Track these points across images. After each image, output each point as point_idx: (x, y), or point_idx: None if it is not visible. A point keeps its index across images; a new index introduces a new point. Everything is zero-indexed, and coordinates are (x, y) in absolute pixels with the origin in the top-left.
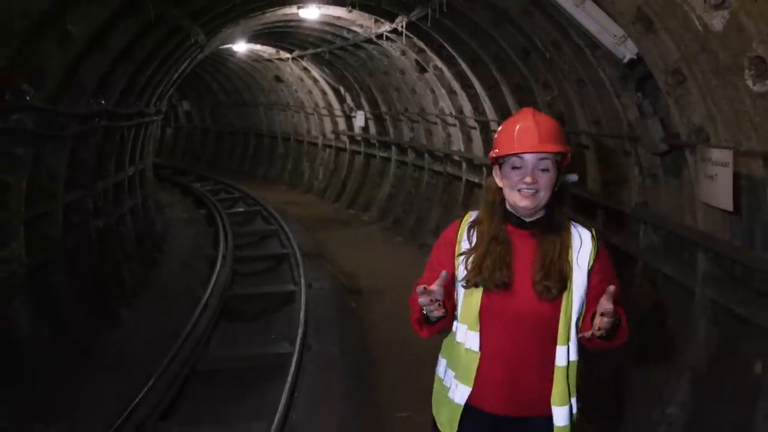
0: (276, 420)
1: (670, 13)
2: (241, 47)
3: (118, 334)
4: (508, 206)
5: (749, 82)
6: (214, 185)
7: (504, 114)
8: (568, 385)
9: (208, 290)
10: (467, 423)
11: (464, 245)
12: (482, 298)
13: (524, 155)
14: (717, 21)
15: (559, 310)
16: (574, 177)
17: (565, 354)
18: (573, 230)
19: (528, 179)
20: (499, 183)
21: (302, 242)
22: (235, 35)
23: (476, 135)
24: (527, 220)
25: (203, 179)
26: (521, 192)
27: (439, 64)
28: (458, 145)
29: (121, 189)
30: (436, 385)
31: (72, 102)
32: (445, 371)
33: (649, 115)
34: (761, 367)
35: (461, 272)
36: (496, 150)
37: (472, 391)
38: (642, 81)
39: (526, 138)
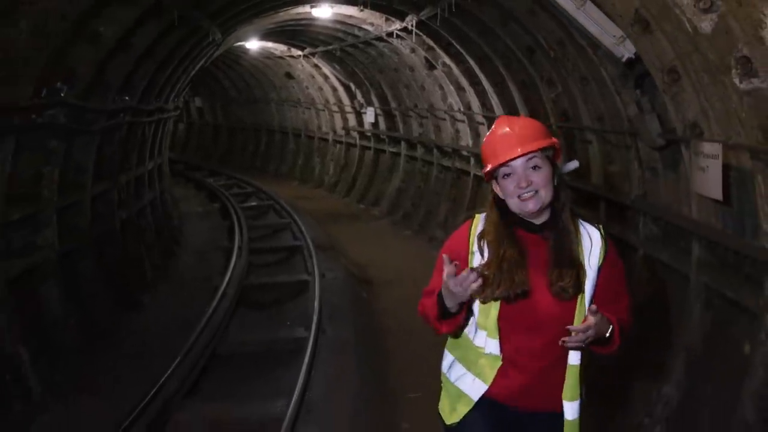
0: (294, 398)
1: (664, 16)
2: (253, 45)
3: (141, 320)
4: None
5: (736, 81)
6: (226, 180)
7: (511, 110)
8: (579, 380)
9: (226, 279)
10: (475, 412)
11: (476, 258)
12: (500, 306)
13: (510, 162)
14: (706, 24)
15: (575, 311)
16: (574, 164)
17: (578, 353)
18: (582, 230)
19: (522, 183)
20: (501, 195)
21: (314, 235)
22: (248, 33)
23: (484, 130)
24: (536, 222)
25: (216, 174)
26: (521, 197)
27: (448, 61)
28: (466, 140)
29: (142, 182)
30: (443, 382)
31: (100, 99)
32: (452, 366)
33: (647, 112)
34: (749, 348)
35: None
36: (486, 166)
37: (488, 388)
38: (640, 79)
39: (505, 145)
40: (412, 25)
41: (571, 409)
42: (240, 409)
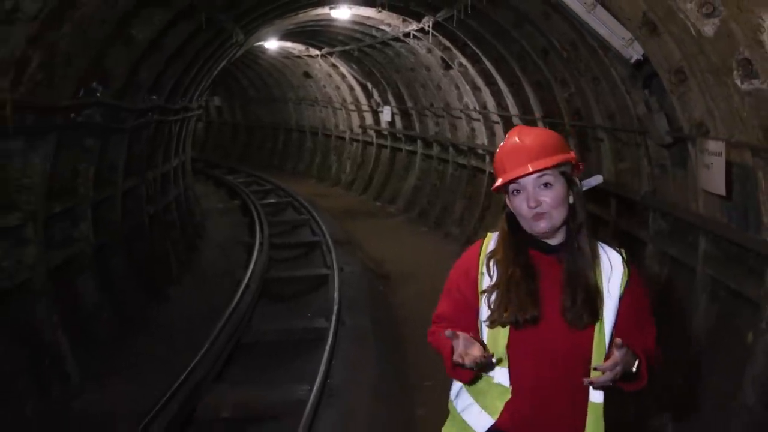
0: (317, 383)
1: (670, 19)
2: (272, 45)
3: (169, 312)
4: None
5: (738, 82)
6: (245, 178)
7: (526, 109)
8: (602, 418)
9: (248, 273)
10: None
11: (485, 281)
12: (509, 333)
13: (520, 179)
14: (708, 28)
15: (592, 342)
16: (597, 179)
17: (600, 390)
18: (601, 253)
19: (531, 203)
20: (513, 211)
21: (332, 231)
22: (268, 34)
23: (499, 129)
24: (552, 243)
25: (235, 172)
26: (531, 216)
27: (464, 61)
28: (482, 139)
29: (167, 179)
30: (450, 410)
31: (132, 98)
32: (459, 395)
33: (656, 111)
34: (752, 337)
35: (484, 310)
36: (497, 180)
37: (495, 422)
38: (649, 79)
39: (514, 161)
40: (428, 26)
41: None
42: (266, 392)
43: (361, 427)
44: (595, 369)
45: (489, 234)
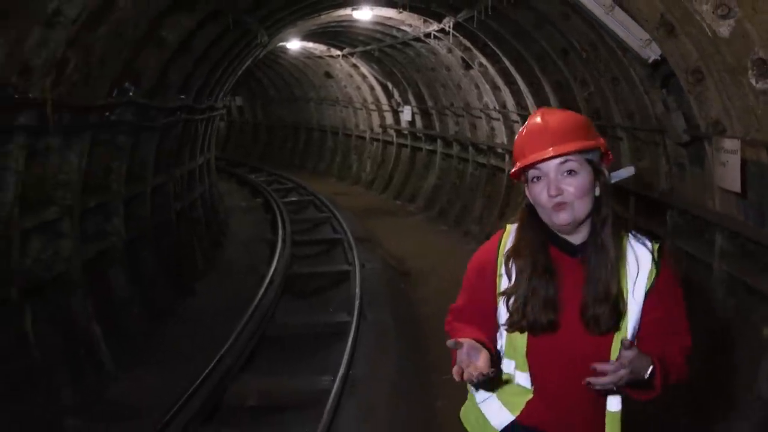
0: (339, 374)
1: (687, 20)
2: (294, 45)
3: (195, 305)
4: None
5: (753, 81)
6: (267, 176)
7: None
8: (621, 428)
9: (272, 269)
10: None
11: (504, 282)
12: (528, 338)
13: (540, 164)
14: (724, 29)
15: (611, 348)
16: (629, 170)
17: (617, 398)
18: (630, 251)
19: (552, 191)
20: (532, 201)
21: (353, 229)
22: (291, 35)
23: (519, 128)
24: (575, 242)
25: (256, 171)
26: (551, 206)
27: (484, 61)
28: (501, 138)
29: (193, 177)
30: (469, 394)
31: (162, 98)
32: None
33: (673, 110)
34: (767, 331)
35: (503, 312)
36: (515, 165)
37: (515, 418)
38: (666, 79)
39: (535, 143)
40: (449, 27)
41: None
42: (290, 382)
43: (382, 416)
44: (593, 368)
45: (508, 227)
